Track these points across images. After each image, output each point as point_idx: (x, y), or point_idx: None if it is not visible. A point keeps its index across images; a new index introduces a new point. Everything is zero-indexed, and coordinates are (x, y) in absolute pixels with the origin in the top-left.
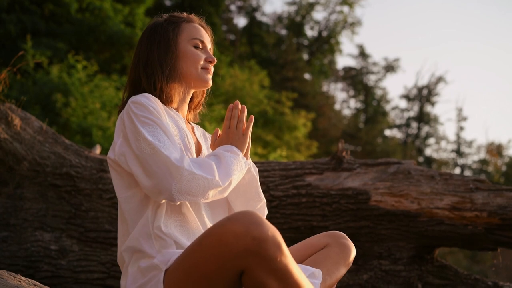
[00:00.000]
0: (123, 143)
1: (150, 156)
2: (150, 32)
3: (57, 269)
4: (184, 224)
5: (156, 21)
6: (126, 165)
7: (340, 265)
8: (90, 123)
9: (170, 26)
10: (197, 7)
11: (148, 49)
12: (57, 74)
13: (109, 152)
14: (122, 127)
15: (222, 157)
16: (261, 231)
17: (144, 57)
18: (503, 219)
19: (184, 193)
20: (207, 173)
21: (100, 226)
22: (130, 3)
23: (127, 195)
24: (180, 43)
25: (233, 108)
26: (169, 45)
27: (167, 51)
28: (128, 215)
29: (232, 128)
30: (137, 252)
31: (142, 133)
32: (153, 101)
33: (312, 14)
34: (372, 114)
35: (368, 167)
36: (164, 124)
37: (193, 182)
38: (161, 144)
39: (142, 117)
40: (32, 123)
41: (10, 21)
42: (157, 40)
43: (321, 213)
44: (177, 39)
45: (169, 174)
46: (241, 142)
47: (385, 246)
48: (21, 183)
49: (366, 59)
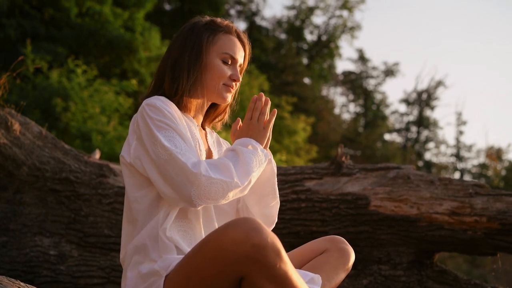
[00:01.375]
0: (138, 147)
1: (168, 162)
2: (187, 33)
3: (56, 274)
4: (188, 229)
5: (197, 22)
6: (142, 168)
7: (339, 270)
8: (89, 127)
9: (206, 32)
10: (197, 12)
11: (180, 50)
12: (57, 79)
13: (123, 151)
14: (136, 129)
15: (240, 153)
16: (260, 238)
17: (174, 57)
18: (502, 224)
19: (204, 198)
20: (225, 176)
21: (99, 231)
22: (129, 7)
23: (139, 194)
24: (211, 54)
25: (257, 99)
26: (200, 53)
27: (197, 59)
28: (137, 215)
29: (253, 120)
30: (141, 254)
31: (159, 138)
32: (168, 104)
33: (312, 18)
34: (371, 119)
35: (367, 172)
36: (180, 128)
37: (212, 186)
38: (177, 149)
39: (158, 121)
40: (31, 128)
41: (10, 26)
42: (191, 43)
43: (320, 218)
44: (209, 49)
45: (187, 180)
46: (261, 136)
47: (384, 251)
48: (21, 188)
49: (365, 63)
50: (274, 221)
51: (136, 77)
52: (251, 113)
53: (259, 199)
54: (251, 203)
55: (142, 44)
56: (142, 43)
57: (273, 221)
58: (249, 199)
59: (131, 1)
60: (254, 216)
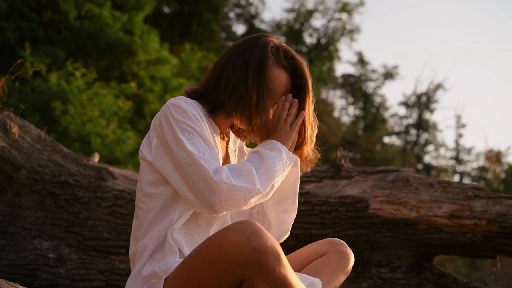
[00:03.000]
0: (159, 146)
1: (190, 167)
2: (255, 53)
3: (55, 278)
4: (194, 233)
5: (269, 43)
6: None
7: (339, 272)
8: (88, 130)
9: (275, 59)
10: (196, 14)
11: (242, 65)
12: (56, 82)
13: (143, 147)
14: (157, 127)
15: (264, 157)
16: (260, 241)
17: (234, 69)
18: (502, 227)
19: (225, 205)
20: (247, 183)
21: (98, 234)
22: (129, 10)
23: (154, 191)
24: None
25: (285, 101)
26: (264, 82)
27: (254, 84)
28: (149, 212)
29: (281, 121)
30: (148, 252)
31: (182, 141)
32: (193, 106)
33: (311, 21)
34: (371, 121)
35: (366, 175)
36: (204, 131)
37: (233, 194)
38: (201, 154)
39: (182, 123)
40: (30, 131)
41: (8, 28)
42: (255, 66)
43: (320, 221)
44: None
45: (209, 187)
46: (287, 137)
47: (384, 254)
48: (20, 191)
49: (365, 66)
50: (288, 229)
51: (135, 80)
52: (278, 113)
53: (278, 203)
54: (269, 204)
55: (141, 47)
56: (141, 46)
57: (287, 230)
58: (268, 201)
59: (130, 4)
60: (270, 221)
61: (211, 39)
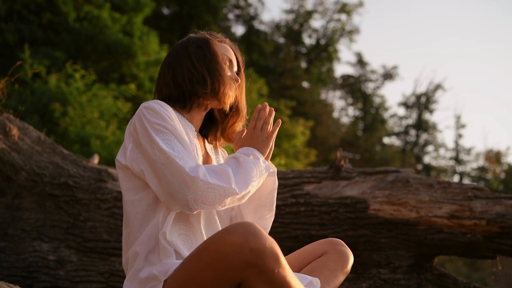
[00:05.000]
0: (134, 149)
1: (165, 166)
2: (185, 45)
3: (55, 280)
4: (189, 233)
5: (192, 35)
6: (139, 171)
7: (338, 272)
8: (88, 132)
9: (204, 42)
10: (195, 16)
11: (189, 61)
12: (55, 84)
13: (119, 155)
14: (133, 132)
15: (242, 162)
16: (259, 243)
17: (185, 68)
18: (502, 227)
19: (200, 203)
20: (223, 182)
21: (98, 236)
22: (128, 12)
23: (135, 198)
24: (220, 62)
25: (261, 109)
26: (205, 57)
27: (208, 65)
28: (134, 218)
29: (257, 129)
30: (141, 257)
31: (156, 142)
32: (166, 108)
33: (310, 22)
34: (370, 122)
35: (366, 175)
36: (178, 131)
37: (209, 191)
38: (175, 153)
39: (156, 124)
40: (30, 133)
41: (8, 30)
42: (199, 53)
43: (319, 222)
44: (211, 53)
45: (184, 184)
46: (264, 145)
47: (384, 254)
48: (19, 193)
49: (364, 66)
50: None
51: (134, 81)
52: (254, 122)
53: (256, 209)
54: (247, 211)
55: (141, 48)
56: (140, 47)
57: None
58: (246, 208)
59: (129, 6)
60: None
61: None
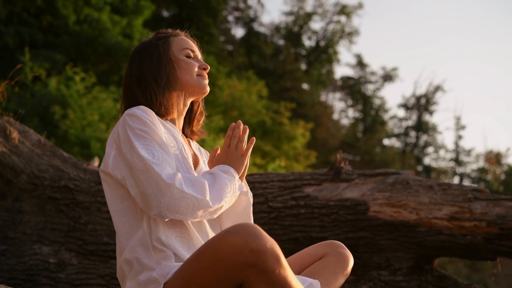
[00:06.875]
0: (117, 156)
1: (142, 172)
2: (140, 50)
3: (56, 282)
4: (185, 235)
5: (144, 40)
6: (121, 178)
7: (338, 274)
8: (88, 135)
9: (159, 41)
10: (195, 18)
11: (140, 65)
12: (55, 86)
13: (102, 165)
14: (116, 139)
15: (217, 177)
16: (259, 243)
17: (137, 74)
18: (502, 228)
19: (173, 211)
20: (198, 193)
21: (99, 239)
22: (128, 14)
23: (121, 207)
24: (172, 55)
25: (235, 127)
26: (161, 59)
27: (160, 64)
28: (123, 228)
29: (231, 147)
30: (135, 264)
31: (136, 148)
32: (148, 113)
33: (310, 24)
34: (370, 124)
35: (366, 177)
36: (160, 137)
37: (183, 200)
38: (154, 160)
39: (138, 129)
40: (30, 136)
41: (8, 33)
42: (148, 56)
43: (320, 224)
44: (168, 51)
45: (159, 191)
46: (239, 163)
47: (384, 256)
48: (20, 196)
49: (364, 68)
50: None
51: None
52: (229, 140)
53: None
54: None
55: None
56: None
57: None
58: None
59: (129, 8)
60: None
61: (210, 43)
